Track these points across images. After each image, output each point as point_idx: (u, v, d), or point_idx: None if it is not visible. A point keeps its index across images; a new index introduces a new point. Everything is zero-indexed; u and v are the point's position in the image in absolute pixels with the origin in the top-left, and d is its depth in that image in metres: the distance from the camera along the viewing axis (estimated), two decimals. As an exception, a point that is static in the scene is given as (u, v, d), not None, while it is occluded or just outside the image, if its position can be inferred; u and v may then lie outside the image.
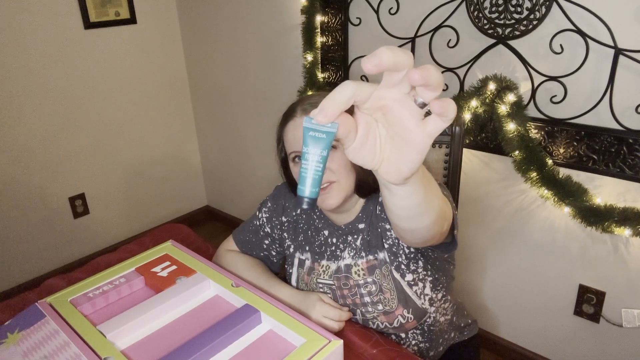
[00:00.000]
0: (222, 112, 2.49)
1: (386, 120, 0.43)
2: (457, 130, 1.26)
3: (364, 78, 1.69)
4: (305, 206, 0.44)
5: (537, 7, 1.28)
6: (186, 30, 2.46)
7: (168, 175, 2.64)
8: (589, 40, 1.23)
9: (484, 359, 1.75)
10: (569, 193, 1.31)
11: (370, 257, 0.95)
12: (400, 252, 0.92)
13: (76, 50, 2.11)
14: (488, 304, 1.74)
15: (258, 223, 1.10)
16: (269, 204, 1.09)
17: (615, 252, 1.37)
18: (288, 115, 0.93)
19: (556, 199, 1.34)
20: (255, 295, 0.85)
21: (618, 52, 1.20)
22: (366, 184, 0.91)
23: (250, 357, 0.73)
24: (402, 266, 0.92)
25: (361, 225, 0.96)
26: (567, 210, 1.34)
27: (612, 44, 1.20)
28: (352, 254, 0.97)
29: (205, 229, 2.78)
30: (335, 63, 1.82)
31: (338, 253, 0.99)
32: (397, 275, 0.92)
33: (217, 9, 2.22)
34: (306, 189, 0.44)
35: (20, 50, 1.94)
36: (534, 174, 1.35)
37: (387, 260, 0.93)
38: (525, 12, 1.31)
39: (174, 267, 0.96)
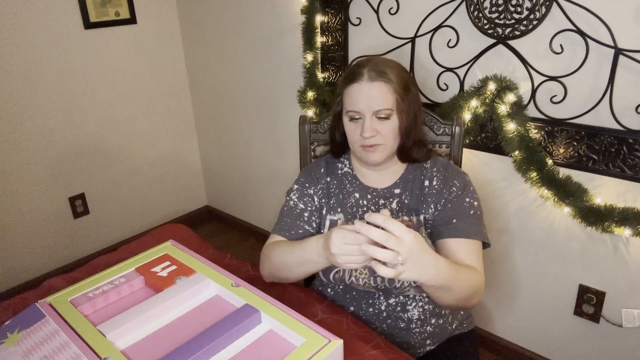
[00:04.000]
0: (222, 112, 2.49)
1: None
2: (457, 130, 1.26)
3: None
4: None
5: (537, 7, 1.28)
6: (186, 30, 2.46)
7: (168, 175, 2.64)
8: (589, 40, 1.23)
9: (483, 359, 1.75)
10: (569, 193, 1.31)
11: (406, 218, 1.03)
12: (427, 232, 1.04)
13: (76, 50, 2.11)
14: (488, 303, 1.74)
15: (291, 204, 1.11)
16: (296, 186, 1.12)
17: (616, 252, 1.37)
18: (354, 76, 0.97)
19: (556, 199, 1.34)
20: (255, 295, 0.85)
21: (618, 52, 1.20)
22: (408, 151, 1.03)
23: (250, 357, 0.73)
24: (428, 240, 1.02)
25: (397, 191, 1.06)
26: (567, 210, 1.34)
27: (612, 44, 1.20)
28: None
29: (205, 229, 2.78)
30: (335, 63, 1.82)
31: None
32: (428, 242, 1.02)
33: (217, 8, 2.22)
34: None
35: (20, 50, 1.94)
36: (534, 174, 1.35)
37: (423, 225, 1.03)
38: (525, 12, 1.31)
39: (174, 267, 0.96)
